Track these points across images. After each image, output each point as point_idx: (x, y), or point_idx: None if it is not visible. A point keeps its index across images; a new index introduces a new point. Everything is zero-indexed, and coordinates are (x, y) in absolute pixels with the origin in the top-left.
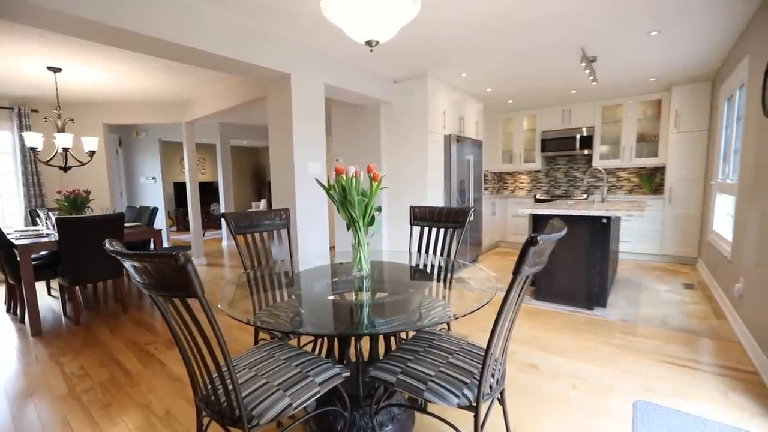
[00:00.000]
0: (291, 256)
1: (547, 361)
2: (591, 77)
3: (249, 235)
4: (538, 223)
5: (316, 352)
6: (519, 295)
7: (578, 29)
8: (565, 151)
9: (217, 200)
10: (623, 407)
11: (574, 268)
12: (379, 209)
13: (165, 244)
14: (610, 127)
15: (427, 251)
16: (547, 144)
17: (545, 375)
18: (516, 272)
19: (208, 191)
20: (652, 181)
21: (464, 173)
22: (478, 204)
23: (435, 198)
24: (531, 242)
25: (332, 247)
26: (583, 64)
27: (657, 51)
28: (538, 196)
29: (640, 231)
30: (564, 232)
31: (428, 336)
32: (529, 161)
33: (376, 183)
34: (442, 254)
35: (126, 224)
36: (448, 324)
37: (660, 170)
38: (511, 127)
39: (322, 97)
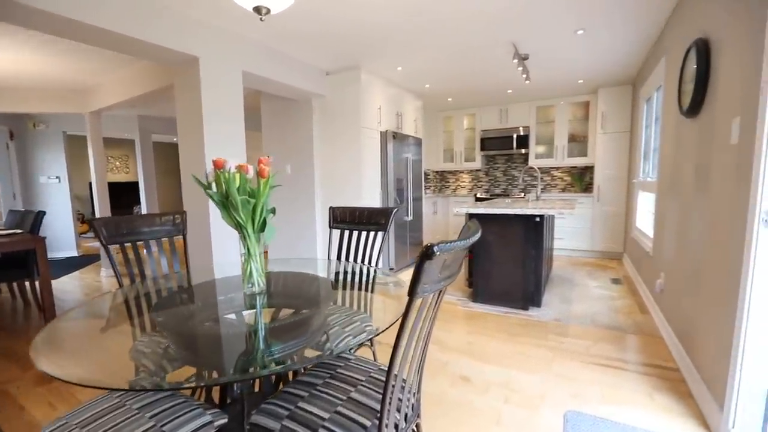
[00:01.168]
0: (188, 268)
1: (480, 371)
2: (524, 75)
3: (137, 244)
4: (475, 219)
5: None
6: (430, 314)
7: (509, 24)
8: (504, 150)
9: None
10: (554, 420)
11: (511, 267)
12: (273, 211)
13: (75, 253)
14: (545, 127)
15: (347, 257)
16: (486, 143)
17: (477, 387)
18: (411, 293)
19: (135, 192)
20: (582, 179)
21: (402, 171)
22: (418, 203)
23: (371, 197)
24: (426, 255)
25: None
26: (516, 61)
27: (583, 51)
28: (478, 195)
29: (572, 228)
30: (476, 236)
31: (332, 363)
32: (470, 160)
33: (264, 180)
34: (363, 261)
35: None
36: (371, 341)
37: (589, 169)
38: (452, 125)
39: (239, 87)
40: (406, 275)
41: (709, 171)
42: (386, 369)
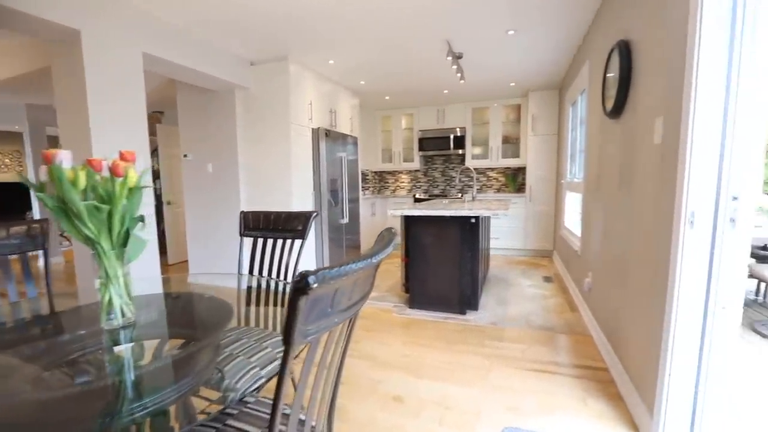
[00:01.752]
0: (48, 288)
1: (414, 388)
2: (459, 75)
3: None
4: (411, 224)
5: None
6: (336, 353)
7: (442, 19)
8: (441, 150)
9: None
10: None
11: (447, 271)
12: (142, 219)
13: None
14: (480, 128)
15: (261, 270)
16: (424, 143)
17: (411, 408)
18: (287, 340)
19: (27, 195)
20: (516, 180)
21: (337, 171)
22: (354, 205)
23: (303, 199)
24: (299, 290)
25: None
26: (450, 59)
27: (515, 53)
28: (417, 196)
29: (507, 227)
30: (384, 253)
31: (225, 412)
32: (409, 160)
33: (122, 180)
34: (279, 273)
35: None
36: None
37: (522, 170)
38: (390, 125)
39: (139, 71)
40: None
41: (633, 171)
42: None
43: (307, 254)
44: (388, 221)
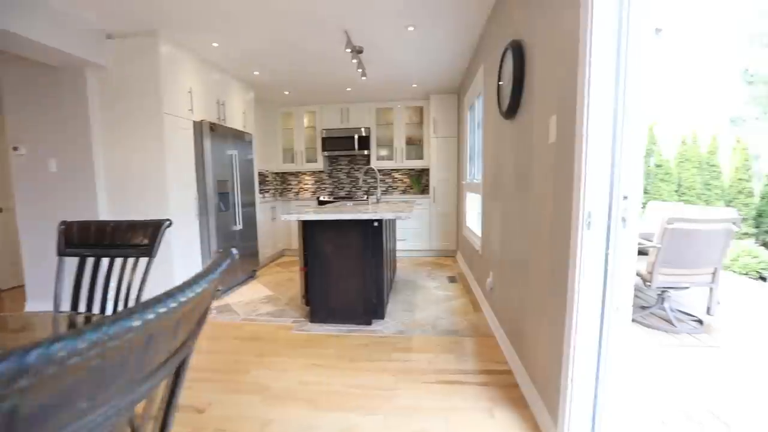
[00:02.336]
0: None
1: (314, 426)
2: (360, 70)
3: None
4: (309, 230)
5: None
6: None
7: (338, 6)
8: (346, 151)
9: None
10: None
11: (351, 279)
12: None
13: None
14: (385, 129)
15: (90, 304)
16: (328, 143)
17: None
18: None
19: None
20: (420, 181)
21: (227, 172)
22: (250, 209)
23: (184, 204)
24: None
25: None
26: (349, 51)
27: (414, 51)
28: (321, 198)
29: (413, 229)
30: (202, 285)
31: None
32: (312, 161)
33: None
34: (115, 309)
35: None
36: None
37: (426, 171)
38: (292, 122)
39: None
40: (237, 296)
41: (529, 171)
42: None
43: (191, 268)
44: (293, 226)
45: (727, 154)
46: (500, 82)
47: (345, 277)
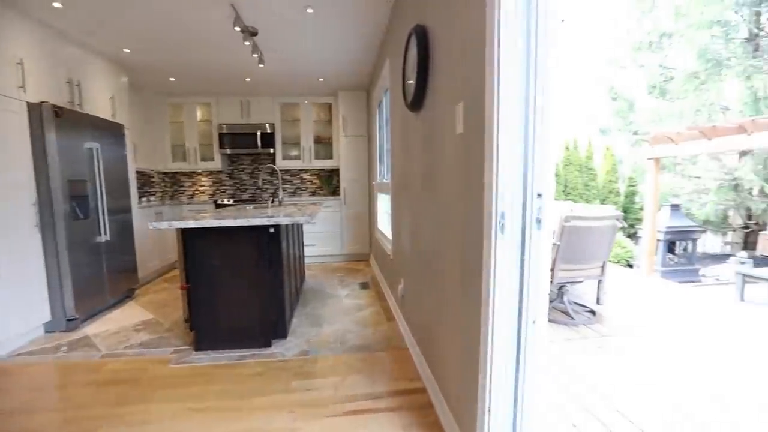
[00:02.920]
0: None
1: None
2: (256, 56)
3: None
4: (191, 239)
5: None
6: None
7: None
8: (248, 149)
9: None
10: None
11: (244, 295)
12: None
13: None
14: (291, 126)
15: None
16: (226, 140)
17: None
18: None
19: None
20: (330, 182)
21: (84, 170)
22: (124, 216)
23: (11, 211)
24: None
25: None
26: (239, 29)
27: (317, 38)
28: (220, 201)
29: (323, 233)
30: None
31: None
32: (208, 159)
33: None
34: None
35: None
36: None
37: (336, 172)
38: (182, 115)
39: None
40: (102, 325)
41: (437, 167)
42: None
43: (29, 292)
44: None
45: (599, 159)
46: (405, 72)
47: (237, 293)
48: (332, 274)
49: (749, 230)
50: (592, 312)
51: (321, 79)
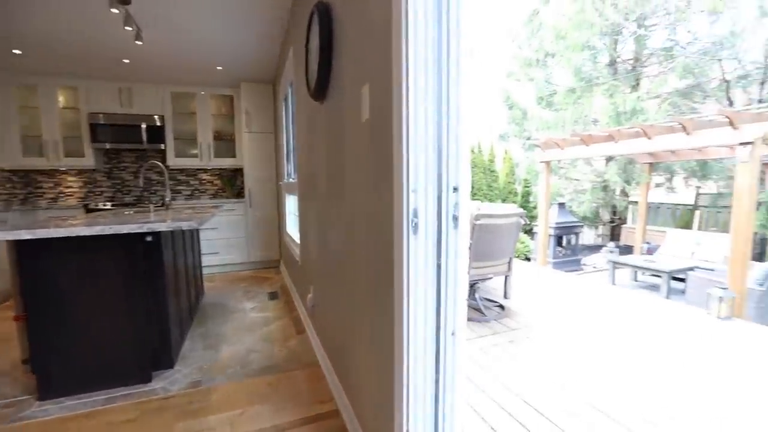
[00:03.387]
0: None
1: None
2: (131, 29)
3: None
4: (32, 255)
5: None
6: None
7: None
8: (130, 144)
9: None
10: None
11: (109, 322)
12: None
13: None
14: (185, 120)
15: None
16: (101, 132)
17: None
18: None
19: None
20: (234, 183)
21: None
22: None
23: None
24: None
25: None
26: None
27: (206, 15)
28: (93, 206)
29: (227, 239)
30: None
31: None
32: (76, 155)
33: None
34: None
35: None
36: None
37: (240, 172)
38: (36, 100)
39: None
40: None
41: (343, 161)
42: None
43: None
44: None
45: (500, 162)
46: (308, 57)
47: (100, 320)
48: (237, 284)
49: (615, 224)
50: (501, 306)
51: (219, 68)
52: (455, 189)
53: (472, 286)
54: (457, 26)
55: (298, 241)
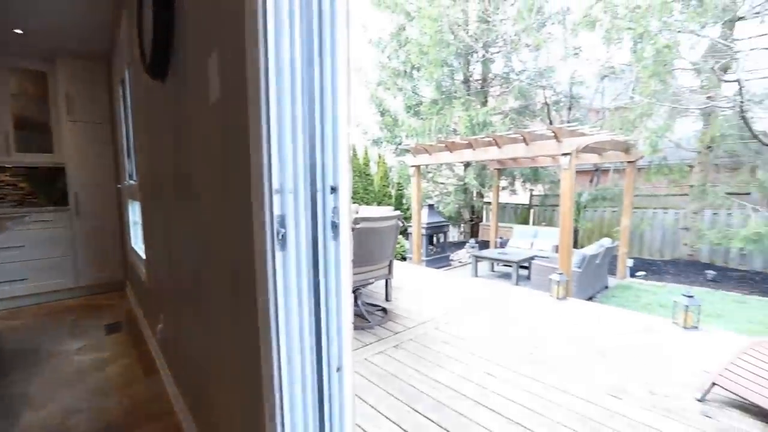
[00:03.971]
0: None
1: None
2: None
3: None
4: None
5: None
6: None
7: None
8: None
9: None
10: None
11: None
12: None
13: None
14: None
15: None
16: None
17: None
18: None
19: None
20: (51, 186)
21: None
22: None
23: None
24: None
25: None
26: None
27: None
28: None
29: (40, 259)
30: None
31: None
32: None
33: None
34: None
35: None
36: None
37: (61, 171)
38: None
39: None
40: None
41: (190, 154)
42: None
43: None
44: None
45: (374, 167)
46: (142, 20)
47: None
48: (60, 318)
49: (474, 222)
50: (384, 310)
51: (18, 31)
52: (333, 189)
53: (354, 293)
54: None
55: (144, 257)
